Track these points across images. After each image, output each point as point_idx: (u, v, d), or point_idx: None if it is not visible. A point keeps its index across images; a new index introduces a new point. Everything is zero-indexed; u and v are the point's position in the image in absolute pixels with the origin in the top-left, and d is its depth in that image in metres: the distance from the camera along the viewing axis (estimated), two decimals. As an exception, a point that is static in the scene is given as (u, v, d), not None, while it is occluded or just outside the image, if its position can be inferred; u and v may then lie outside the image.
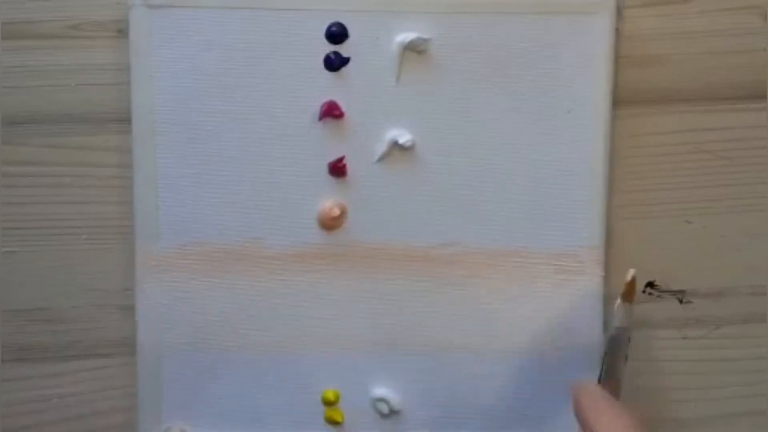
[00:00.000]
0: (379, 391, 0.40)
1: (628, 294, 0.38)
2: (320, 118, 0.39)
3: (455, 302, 0.40)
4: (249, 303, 0.40)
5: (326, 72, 0.39)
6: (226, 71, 0.39)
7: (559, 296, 0.40)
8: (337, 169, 0.39)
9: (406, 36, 0.38)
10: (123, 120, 0.39)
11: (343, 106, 0.39)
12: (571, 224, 0.40)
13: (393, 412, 0.40)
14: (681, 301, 0.42)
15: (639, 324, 0.42)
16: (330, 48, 0.38)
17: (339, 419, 0.40)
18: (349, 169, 0.39)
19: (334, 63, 0.38)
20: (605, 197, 0.40)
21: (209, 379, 0.40)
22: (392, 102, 0.39)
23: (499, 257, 0.40)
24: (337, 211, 0.38)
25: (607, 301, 0.40)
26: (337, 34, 0.38)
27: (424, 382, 0.40)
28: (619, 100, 0.40)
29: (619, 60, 0.40)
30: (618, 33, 0.40)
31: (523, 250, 0.40)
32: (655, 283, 0.42)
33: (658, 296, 0.42)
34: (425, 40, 0.38)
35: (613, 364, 0.38)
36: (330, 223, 0.38)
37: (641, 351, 0.42)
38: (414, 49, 0.38)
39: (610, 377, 0.37)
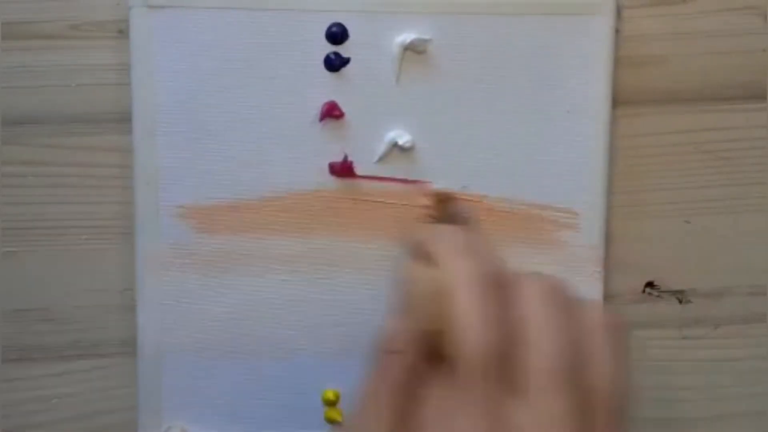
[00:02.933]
0: (379, 391, 0.40)
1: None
2: (320, 119, 0.39)
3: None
4: (249, 303, 0.40)
5: (326, 72, 0.39)
6: (226, 71, 0.39)
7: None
8: (344, 169, 0.39)
9: (406, 36, 0.38)
10: (123, 120, 0.39)
11: (343, 106, 0.39)
12: (571, 224, 0.40)
13: (393, 412, 0.40)
14: (681, 301, 0.42)
15: (639, 324, 0.42)
16: (330, 48, 0.38)
17: (339, 419, 0.40)
18: (349, 169, 0.39)
19: (335, 63, 0.38)
20: (605, 197, 0.40)
21: (209, 379, 0.40)
22: (392, 102, 0.39)
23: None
24: None
25: (606, 300, 0.40)
26: (337, 34, 0.38)
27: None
28: (618, 100, 0.40)
29: (618, 60, 0.40)
30: (618, 33, 0.40)
31: (523, 250, 0.40)
32: (655, 283, 0.42)
33: (658, 296, 0.42)
34: (425, 41, 0.38)
35: None
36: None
37: (641, 351, 0.42)
38: (414, 49, 0.38)
39: None
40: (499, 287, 0.26)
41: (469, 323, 0.25)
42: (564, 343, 0.25)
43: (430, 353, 0.27)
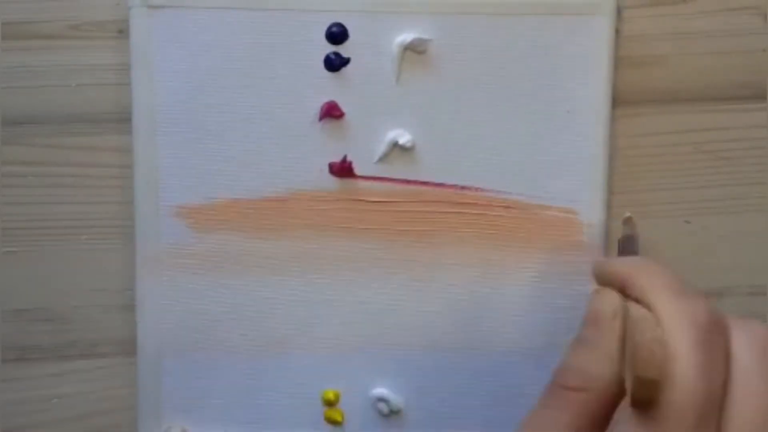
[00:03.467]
0: (379, 391, 0.40)
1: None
2: (320, 119, 0.39)
3: (455, 301, 0.40)
4: (249, 303, 0.40)
5: (326, 72, 0.39)
6: (226, 71, 0.39)
7: (559, 295, 0.40)
8: (344, 169, 0.39)
9: (406, 36, 0.38)
10: (123, 120, 0.39)
11: (343, 106, 0.39)
12: (571, 224, 0.40)
13: (393, 412, 0.40)
14: (681, 301, 0.42)
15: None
16: (330, 48, 0.38)
17: (339, 419, 0.40)
18: (349, 169, 0.39)
19: (335, 63, 0.38)
20: (605, 197, 0.40)
21: (209, 379, 0.40)
22: (392, 102, 0.39)
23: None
24: None
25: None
26: (337, 34, 0.38)
27: (424, 381, 0.40)
28: (619, 100, 0.40)
29: (618, 60, 0.40)
30: (618, 33, 0.40)
31: (523, 250, 0.40)
32: (655, 283, 0.42)
33: (658, 296, 0.42)
34: (425, 41, 0.38)
35: None
36: None
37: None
38: (414, 49, 0.38)
39: None
40: (715, 333, 0.25)
41: (689, 375, 0.24)
42: None
43: (618, 396, 0.26)
